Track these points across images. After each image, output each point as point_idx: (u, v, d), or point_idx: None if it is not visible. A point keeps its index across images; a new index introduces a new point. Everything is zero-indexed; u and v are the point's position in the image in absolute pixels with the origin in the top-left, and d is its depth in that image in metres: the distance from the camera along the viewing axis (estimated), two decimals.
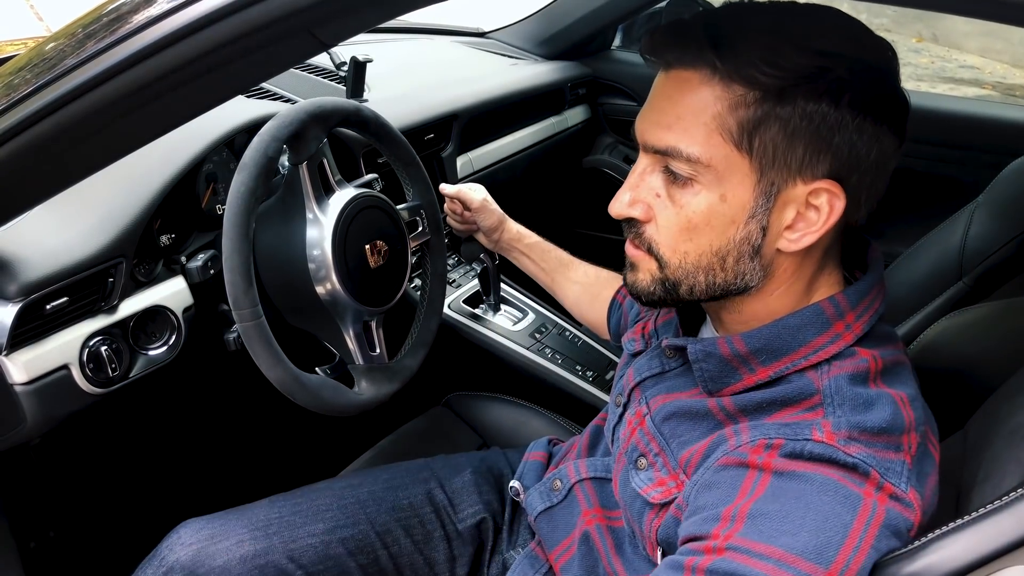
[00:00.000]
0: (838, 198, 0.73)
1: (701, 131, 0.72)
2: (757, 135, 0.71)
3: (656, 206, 0.77)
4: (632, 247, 0.82)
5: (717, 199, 0.74)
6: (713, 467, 0.73)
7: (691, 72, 0.72)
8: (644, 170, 0.78)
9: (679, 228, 0.76)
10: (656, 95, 0.76)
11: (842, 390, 0.72)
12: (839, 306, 0.77)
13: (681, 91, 0.73)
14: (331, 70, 1.69)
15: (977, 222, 1.32)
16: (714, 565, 0.66)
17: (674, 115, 0.73)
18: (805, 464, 0.67)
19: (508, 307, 1.72)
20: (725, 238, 0.75)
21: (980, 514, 0.63)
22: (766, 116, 0.70)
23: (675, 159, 0.74)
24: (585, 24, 2.26)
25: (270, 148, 1.04)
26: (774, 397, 0.75)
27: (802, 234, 0.74)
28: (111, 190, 1.11)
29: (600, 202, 2.59)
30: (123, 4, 0.81)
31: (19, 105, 0.79)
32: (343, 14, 0.71)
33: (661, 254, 0.78)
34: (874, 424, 0.69)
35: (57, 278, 1.01)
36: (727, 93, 0.71)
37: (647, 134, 0.76)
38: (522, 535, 1.11)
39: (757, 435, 0.72)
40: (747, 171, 0.72)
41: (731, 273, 0.77)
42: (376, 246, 1.19)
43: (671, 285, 0.79)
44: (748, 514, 0.67)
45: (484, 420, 1.50)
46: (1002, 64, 7.17)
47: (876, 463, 0.67)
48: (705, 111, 0.72)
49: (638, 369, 0.93)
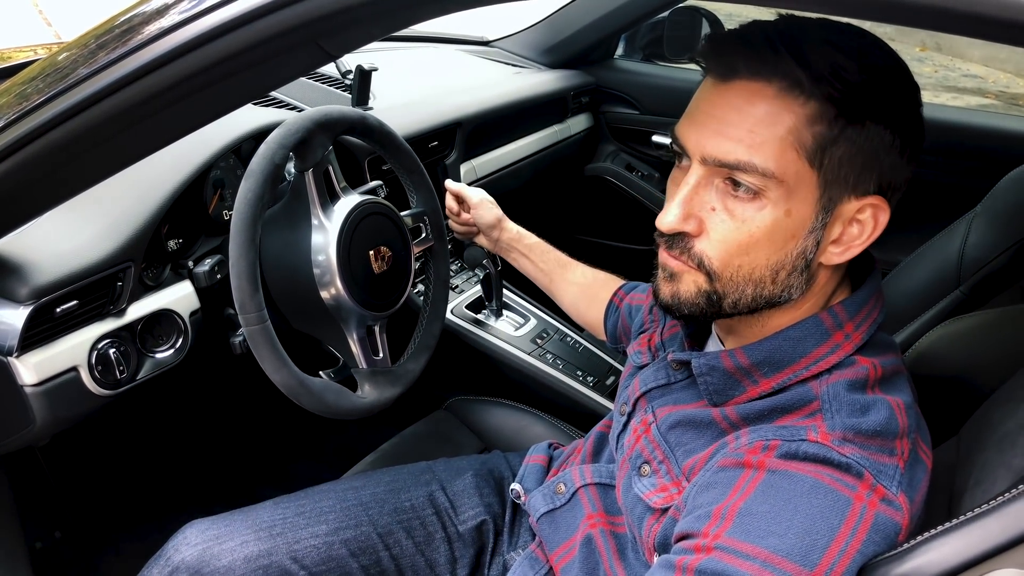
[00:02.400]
0: (883, 212, 0.74)
1: (776, 145, 0.70)
2: (828, 152, 0.71)
3: (710, 220, 0.75)
4: (672, 258, 0.79)
5: (782, 214, 0.72)
6: (713, 468, 0.75)
7: (763, 83, 0.70)
8: (698, 183, 0.75)
9: (737, 243, 0.74)
10: (716, 105, 0.73)
11: (839, 396, 0.73)
12: (838, 317, 0.78)
13: (752, 103, 0.71)
14: (337, 78, 1.71)
15: (975, 231, 1.33)
16: (702, 565, 0.67)
17: (745, 128, 0.71)
18: (799, 464, 0.69)
19: (510, 312, 1.74)
20: (783, 253, 0.75)
21: (969, 517, 0.63)
22: (840, 133, 0.70)
23: (746, 173, 0.71)
24: (588, 33, 2.28)
25: (277, 155, 1.06)
26: (775, 405, 0.76)
27: (846, 247, 0.76)
28: (120, 195, 1.13)
29: (602, 209, 2.60)
30: (135, 16, 0.83)
31: (32, 114, 0.81)
32: (350, 26, 0.73)
33: (713, 268, 0.76)
34: (869, 427, 0.70)
35: (67, 282, 1.03)
36: (804, 108, 0.70)
37: (708, 146, 0.73)
38: (523, 537, 1.13)
39: (755, 437, 0.73)
40: (812, 186, 0.72)
41: (780, 286, 0.77)
42: (380, 252, 1.21)
43: (717, 298, 0.77)
44: (738, 512, 0.68)
45: (485, 424, 1.52)
46: (1005, 73, 7.17)
47: (869, 465, 0.68)
48: (781, 124, 0.70)
49: (644, 380, 0.94)
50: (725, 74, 0.73)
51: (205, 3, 0.73)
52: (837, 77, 0.69)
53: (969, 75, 7.23)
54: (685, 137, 0.76)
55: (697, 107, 0.75)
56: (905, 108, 0.73)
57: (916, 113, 0.74)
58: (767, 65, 0.70)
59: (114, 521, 1.51)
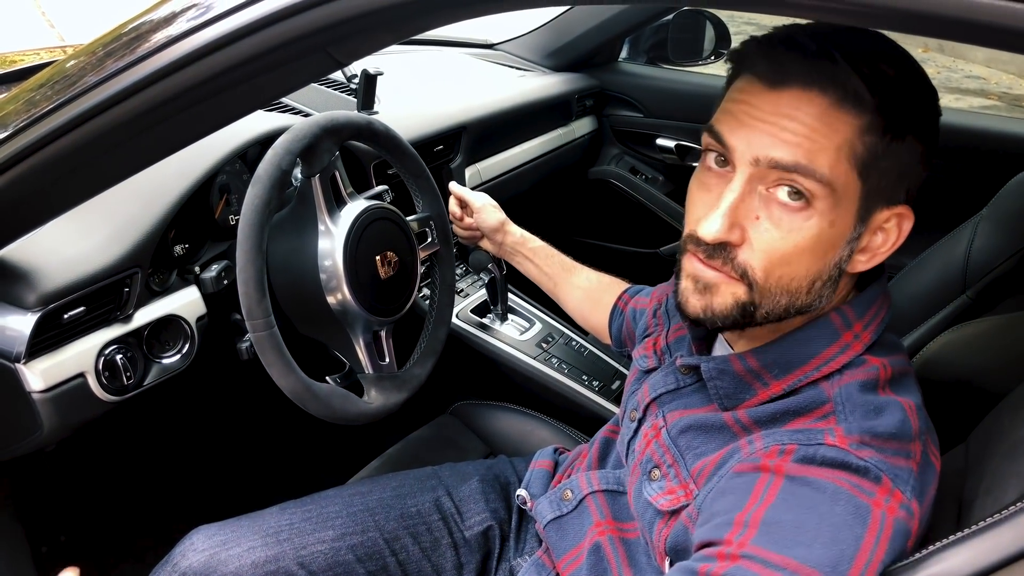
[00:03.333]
0: (908, 221, 0.75)
1: (832, 154, 0.70)
2: (876, 164, 0.71)
3: (754, 229, 0.73)
4: (711, 270, 0.76)
5: (827, 224, 0.72)
6: (728, 474, 0.74)
7: (818, 92, 0.69)
8: (744, 190, 0.73)
9: (782, 253, 0.73)
10: (767, 111, 0.71)
11: (852, 397, 0.73)
12: (846, 316, 0.78)
13: (808, 111, 0.69)
14: (342, 82, 1.71)
15: (981, 235, 1.32)
16: (729, 572, 0.65)
17: (803, 134, 0.69)
18: (818, 470, 0.68)
19: (515, 317, 1.74)
20: (822, 263, 0.74)
21: (980, 527, 0.63)
22: (887, 147, 0.70)
23: (804, 177, 0.70)
24: (592, 36, 2.28)
25: (284, 161, 1.06)
26: (787, 408, 0.76)
27: (872, 255, 0.76)
28: (127, 201, 1.13)
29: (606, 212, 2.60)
30: (143, 24, 0.83)
31: (41, 121, 0.81)
32: (359, 34, 0.73)
33: (755, 278, 0.74)
34: (884, 430, 0.70)
35: (74, 288, 1.03)
36: (859, 120, 0.70)
37: (763, 148, 0.71)
38: (529, 543, 1.13)
39: (771, 441, 0.73)
40: (856, 197, 0.72)
41: (814, 295, 0.76)
42: (386, 257, 1.21)
43: (753, 309, 0.76)
44: (761, 521, 0.67)
45: (491, 429, 1.52)
46: (1008, 74, 7.17)
47: (887, 469, 0.68)
48: (837, 134, 0.70)
49: (653, 385, 0.93)
50: (777, 80, 0.71)
51: (213, 12, 0.73)
52: (890, 91, 0.69)
53: (972, 76, 7.22)
54: (730, 137, 0.73)
55: (741, 108, 0.73)
56: (933, 119, 0.74)
57: (937, 123, 0.74)
58: (824, 74, 0.69)
59: (121, 526, 1.51)
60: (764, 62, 0.72)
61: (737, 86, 0.75)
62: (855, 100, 0.69)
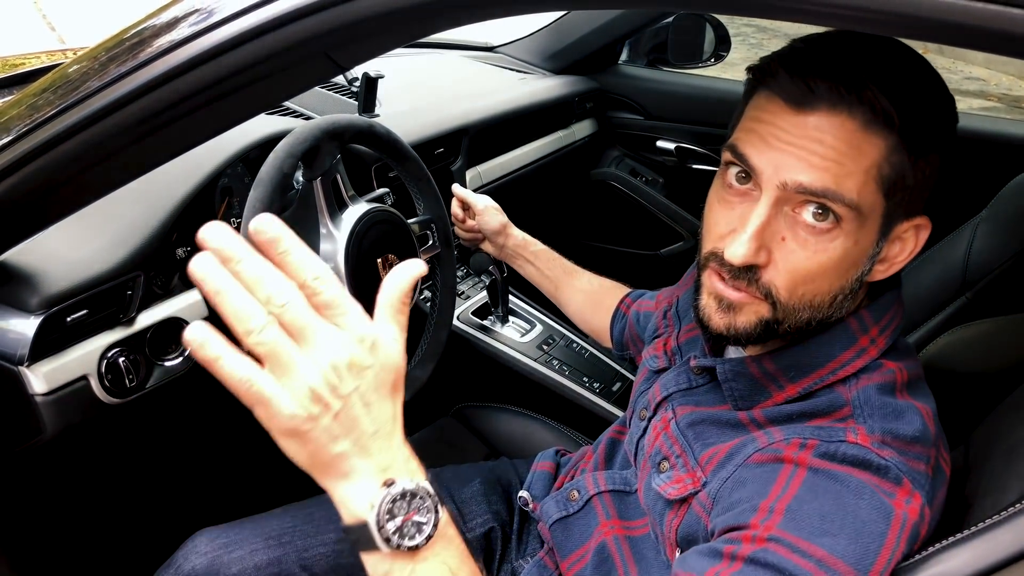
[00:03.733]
0: (925, 230, 0.76)
1: (861, 177, 0.70)
2: (902, 183, 0.71)
3: (779, 250, 0.73)
4: (734, 290, 0.76)
5: (852, 244, 0.72)
6: (744, 464, 0.74)
7: (846, 115, 0.69)
8: (770, 213, 0.72)
9: (806, 272, 0.73)
10: (795, 134, 0.70)
11: (871, 400, 0.73)
12: (864, 321, 0.78)
13: (836, 134, 0.69)
14: (343, 85, 1.71)
15: (980, 237, 1.33)
16: (755, 554, 0.66)
17: (831, 158, 0.69)
18: (840, 466, 0.69)
19: (516, 319, 1.74)
20: (846, 279, 0.75)
21: (979, 528, 0.64)
22: (913, 165, 0.71)
23: (833, 202, 0.70)
24: (592, 39, 2.28)
25: (285, 164, 1.06)
26: (803, 410, 0.76)
27: (890, 264, 0.77)
28: (129, 204, 1.14)
29: (607, 214, 2.60)
30: (145, 29, 0.83)
31: (45, 125, 0.82)
32: (361, 39, 0.74)
33: (779, 298, 0.74)
34: (906, 433, 0.70)
35: (77, 291, 1.03)
36: (886, 141, 0.69)
37: (791, 172, 0.70)
38: (531, 544, 1.13)
39: (791, 434, 0.73)
40: (879, 215, 0.72)
41: (835, 308, 0.76)
42: (388, 259, 1.21)
43: (776, 325, 0.76)
44: (787, 508, 0.67)
45: (492, 431, 1.52)
46: (1008, 76, 7.17)
47: (907, 471, 0.69)
48: (866, 157, 0.69)
49: (664, 384, 0.93)
50: (803, 101, 0.70)
51: (215, 16, 0.74)
52: (917, 111, 0.69)
53: (971, 78, 7.23)
54: (757, 159, 0.72)
55: (768, 131, 0.72)
56: (953, 131, 0.74)
57: (956, 132, 0.75)
58: (852, 97, 0.68)
59: (124, 529, 1.51)
60: (789, 82, 0.71)
61: (759, 104, 0.74)
62: (884, 122, 0.69)
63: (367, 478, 0.61)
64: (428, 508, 0.62)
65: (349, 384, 0.58)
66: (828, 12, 0.57)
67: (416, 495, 0.61)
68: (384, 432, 0.61)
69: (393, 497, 0.60)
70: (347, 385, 0.58)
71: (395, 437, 0.62)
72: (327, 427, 0.58)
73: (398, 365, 0.62)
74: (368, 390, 0.59)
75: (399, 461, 0.62)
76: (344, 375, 0.58)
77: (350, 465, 0.60)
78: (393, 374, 0.61)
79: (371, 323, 0.60)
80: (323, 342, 0.57)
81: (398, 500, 0.60)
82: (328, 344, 0.57)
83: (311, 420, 0.57)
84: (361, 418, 0.59)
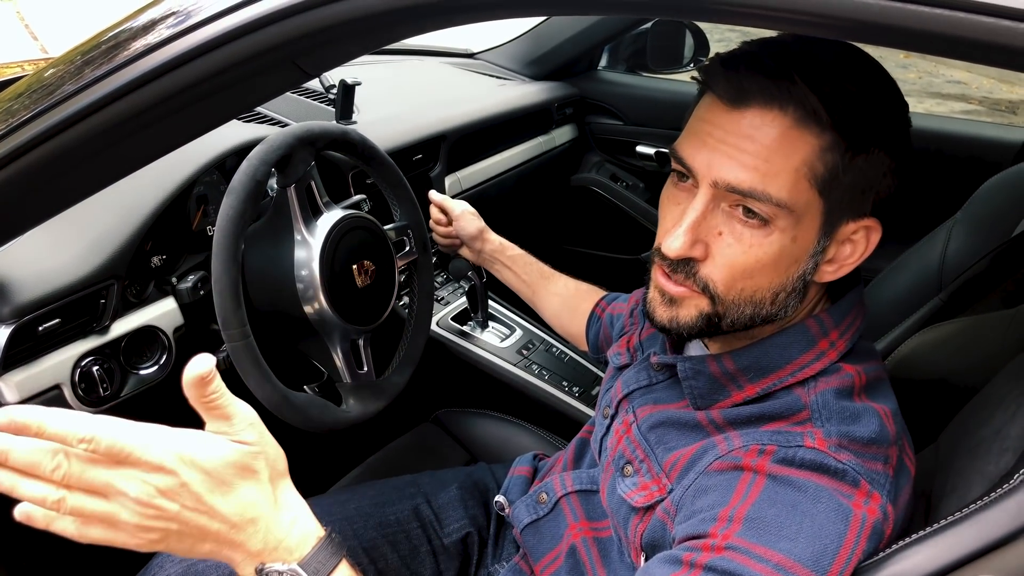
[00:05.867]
0: (875, 232, 0.76)
1: (790, 176, 0.70)
2: (837, 181, 0.72)
3: (717, 244, 0.74)
4: (674, 284, 0.78)
5: (789, 240, 0.73)
6: (705, 472, 0.75)
7: (778, 112, 0.70)
8: (706, 208, 0.74)
9: (743, 267, 0.74)
10: (728, 131, 0.72)
11: (829, 404, 0.74)
12: (824, 324, 0.79)
13: (766, 131, 0.70)
14: (321, 92, 1.71)
15: (955, 238, 1.34)
16: (713, 562, 0.67)
17: (761, 156, 0.70)
18: (798, 471, 0.69)
19: (496, 324, 1.74)
20: (785, 276, 0.75)
21: (942, 524, 0.64)
22: (849, 163, 0.71)
23: (759, 201, 0.71)
24: (572, 45, 2.30)
25: (258, 172, 1.06)
26: (763, 412, 0.77)
27: (839, 266, 0.77)
28: (103, 212, 1.13)
29: (588, 219, 2.60)
30: (122, 32, 0.83)
31: (19, 130, 0.81)
32: (326, 46, 0.74)
33: (717, 292, 0.76)
34: (863, 435, 0.71)
35: (49, 300, 1.03)
36: (819, 139, 0.70)
37: (721, 171, 0.72)
38: (507, 549, 1.13)
39: (750, 440, 0.74)
40: (818, 213, 0.73)
41: (778, 306, 0.77)
42: (363, 266, 1.21)
43: (717, 319, 0.77)
44: (745, 516, 0.68)
45: (472, 436, 1.52)
46: (988, 79, 7.23)
47: (864, 472, 0.69)
48: (796, 155, 0.70)
49: (626, 382, 0.94)
50: (737, 99, 0.71)
51: (184, 24, 0.74)
52: (851, 108, 0.70)
53: (952, 81, 7.29)
54: (692, 159, 0.74)
55: (705, 129, 0.74)
56: (901, 132, 0.74)
57: (908, 134, 0.75)
58: (783, 93, 0.69)
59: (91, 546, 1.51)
60: (725, 82, 0.72)
61: (702, 105, 0.76)
62: (816, 120, 0.69)
63: (243, 564, 0.67)
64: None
65: (171, 507, 0.62)
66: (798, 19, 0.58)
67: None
68: (248, 519, 0.66)
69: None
70: (170, 508, 0.62)
71: (265, 518, 0.67)
72: (181, 538, 0.64)
73: (229, 460, 0.65)
74: (198, 501, 0.63)
75: (272, 543, 0.67)
76: (160, 502, 0.62)
77: (225, 555, 0.66)
78: (227, 470, 0.65)
79: (170, 443, 0.63)
80: (122, 487, 0.61)
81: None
82: (127, 487, 0.61)
83: (160, 541, 0.64)
84: (208, 524, 0.64)
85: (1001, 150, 1.93)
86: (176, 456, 0.63)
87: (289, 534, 0.68)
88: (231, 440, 0.67)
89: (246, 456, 0.66)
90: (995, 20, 0.51)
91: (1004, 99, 6.83)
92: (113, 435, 0.61)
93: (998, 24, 0.52)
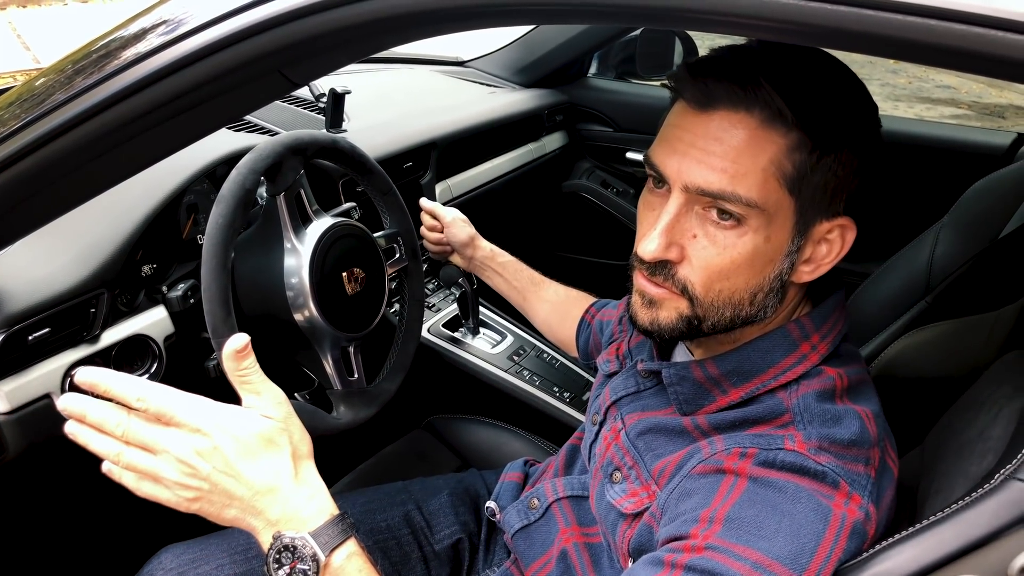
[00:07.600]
0: (850, 232, 0.77)
1: (759, 176, 0.71)
2: (807, 180, 0.73)
3: (692, 246, 0.76)
4: (653, 286, 0.79)
5: (762, 240, 0.74)
6: (689, 475, 0.76)
7: (745, 114, 0.71)
8: (679, 211, 0.75)
9: (719, 268, 0.75)
10: (696, 134, 0.73)
11: (810, 407, 0.75)
12: (804, 328, 0.80)
13: (734, 133, 0.71)
14: (311, 101, 1.72)
15: (943, 242, 1.35)
16: (693, 561, 0.68)
17: (728, 158, 0.71)
18: (778, 473, 0.70)
19: (487, 330, 1.75)
20: (761, 276, 0.76)
21: (925, 524, 0.65)
22: (817, 162, 0.72)
23: (729, 202, 0.72)
24: (562, 52, 2.31)
25: (248, 180, 1.07)
26: (746, 416, 0.78)
27: (816, 266, 0.78)
28: (93, 221, 1.14)
29: (579, 225, 2.61)
30: (112, 41, 0.83)
31: (9, 140, 0.81)
32: (313, 56, 0.74)
33: (695, 293, 0.77)
34: (843, 437, 0.72)
35: (39, 309, 1.03)
36: (785, 139, 0.71)
37: (690, 175, 0.73)
38: (498, 554, 1.13)
39: (732, 444, 0.75)
40: (790, 213, 0.74)
41: (757, 307, 0.78)
42: (353, 273, 1.21)
43: (698, 322, 0.78)
44: (726, 517, 0.69)
45: (463, 442, 1.53)
46: (978, 84, 7.28)
47: (844, 474, 0.70)
48: (763, 155, 0.71)
49: (614, 388, 0.95)
50: (704, 102, 0.73)
51: (172, 34, 0.74)
52: (817, 108, 0.71)
53: (942, 86, 7.33)
54: (664, 164, 0.75)
55: (675, 134, 0.75)
56: (870, 132, 0.76)
57: (878, 134, 0.76)
58: (749, 95, 0.71)
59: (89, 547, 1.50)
60: (693, 87, 0.73)
61: (673, 111, 0.77)
62: (781, 120, 0.71)
63: (263, 531, 0.75)
64: (306, 558, 0.73)
65: (204, 467, 0.73)
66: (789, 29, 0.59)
67: (295, 548, 0.73)
68: (269, 488, 0.74)
69: (278, 548, 0.73)
70: (203, 468, 0.73)
71: (285, 490, 0.75)
72: (212, 501, 0.74)
73: (256, 431, 0.75)
74: (227, 464, 0.73)
75: (289, 513, 0.74)
76: (195, 462, 0.73)
77: (247, 523, 0.75)
78: (254, 439, 0.75)
79: (208, 410, 0.75)
80: (165, 445, 0.73)
81: (283, 551, 0.73)
82: (170, 444, 0.73)
83: (196, 500, 0.74)
84: (234, 488, 0.74)
85: (988, 154, 1.95)
86: (212, 422, 0.74)
87: (305, 507, 0.75)
88: (260, 414, 0.76)
89: (272, 430, 0.76)
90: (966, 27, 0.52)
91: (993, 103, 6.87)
92: (161, 398, 0.74)
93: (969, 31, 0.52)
